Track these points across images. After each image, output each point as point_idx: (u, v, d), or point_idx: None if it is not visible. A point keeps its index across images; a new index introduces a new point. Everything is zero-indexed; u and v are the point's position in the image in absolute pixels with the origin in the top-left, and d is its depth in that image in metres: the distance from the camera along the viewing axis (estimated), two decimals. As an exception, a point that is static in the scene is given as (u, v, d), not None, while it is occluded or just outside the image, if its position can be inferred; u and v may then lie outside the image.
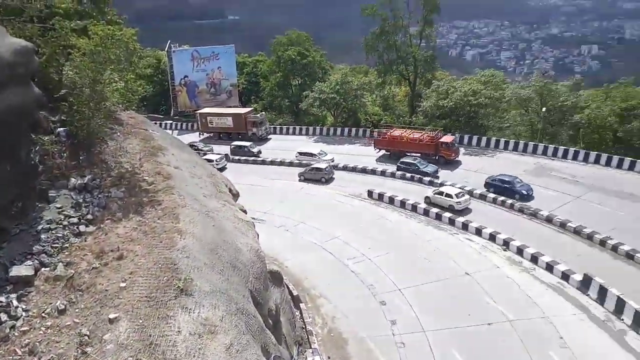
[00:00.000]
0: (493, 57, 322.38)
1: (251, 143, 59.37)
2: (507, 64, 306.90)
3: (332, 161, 52.04)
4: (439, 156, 48.05)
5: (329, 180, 48.13)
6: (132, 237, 16.34)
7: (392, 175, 48.12)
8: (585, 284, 28.28)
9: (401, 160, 48.45)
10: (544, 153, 49.73)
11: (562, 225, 35.46)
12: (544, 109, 52.91)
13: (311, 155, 54.07)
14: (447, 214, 38.38)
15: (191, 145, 47.63)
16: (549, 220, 36.53)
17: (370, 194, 43.61)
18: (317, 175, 48.19)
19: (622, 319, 25.67)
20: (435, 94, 57.24)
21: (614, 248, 31.88)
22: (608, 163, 45.90)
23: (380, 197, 42.88)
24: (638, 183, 41.54)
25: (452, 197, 39.34)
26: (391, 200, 42.10)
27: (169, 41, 76.92)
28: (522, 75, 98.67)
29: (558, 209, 37.92)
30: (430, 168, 46.92)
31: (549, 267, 30.64)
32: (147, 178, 19.56)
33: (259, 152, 58.04)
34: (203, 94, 76.52)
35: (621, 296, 26.09)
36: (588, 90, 70.86)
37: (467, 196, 40.03)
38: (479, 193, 41.66)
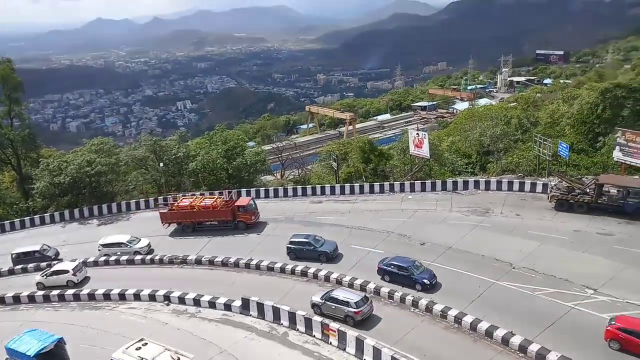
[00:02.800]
0: (99, 125, 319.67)
1: None
2: (115, 128, 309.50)
3: (149, 247, 42.44)
4: (239, 221, 43.58)
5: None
6: None
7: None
8: (245, 306, 31.16)
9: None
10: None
11: (211, 262, 38.19)
12: (161, 164, 55.64)
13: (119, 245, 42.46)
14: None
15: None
16: (198, 262, 38.64)
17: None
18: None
19: (282, 324, 29.43)
20: (48, 173, 52.70)
21: (257, 266, 36.42)
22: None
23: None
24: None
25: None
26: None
27: None
28: (133, 137, 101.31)
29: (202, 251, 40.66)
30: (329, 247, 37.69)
31: (212, 304, 32.41)
32: None
33: None
34: None
35: (275, 305, 29.89)
36: (195, 139, 78.55)
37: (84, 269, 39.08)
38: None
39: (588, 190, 39.24)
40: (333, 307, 28.87)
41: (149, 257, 40.26)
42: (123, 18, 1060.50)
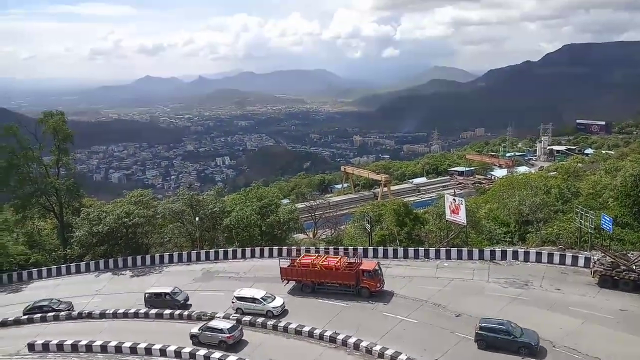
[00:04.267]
0: (139, 177, 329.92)
1: None
2: (155, 181, 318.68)
3: (283, 308, 38.59)
4: (362, 287, 39.30)
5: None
6: None
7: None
8: None
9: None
10: (207, 258, 52.35)
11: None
12: (197, 218, 56.42)
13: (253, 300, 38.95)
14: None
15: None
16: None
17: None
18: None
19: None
20: (87, 222, 54.10)
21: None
22: (262, 255, 51.62)
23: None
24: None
25: None
26: None
27: None
28: (171, 190, 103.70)
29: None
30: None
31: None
32: None
33: None
34: None
35: None
36: (231, 195, 79.85)
37: None
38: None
39: (634, 267, 37.34)
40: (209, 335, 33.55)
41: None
42: (170, 76, 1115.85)
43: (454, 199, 51.01)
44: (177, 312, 39.79)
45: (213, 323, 35.13)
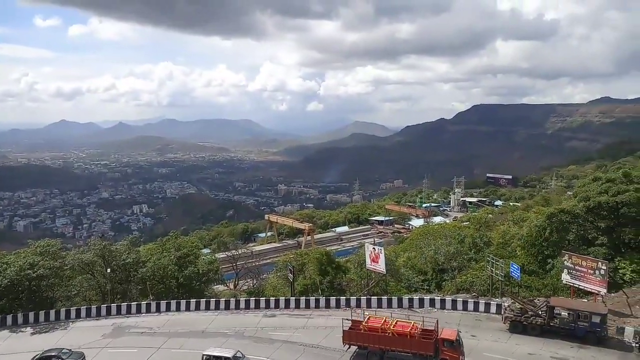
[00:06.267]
0: (48, 225, 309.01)
1: None
2: (65, 230, 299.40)
3: None
4: None
5: None
6: None
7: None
8: None
9: None
10: (119, 312, 49.22)
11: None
12: (108, 270, 53.15)
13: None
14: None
15: None
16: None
17: None
18: None
19: None
20: (-17, 274, 49.26)
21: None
22: (178, 308, 49.44)
23: None
24: (204, 320, 46.34)
25: None
26: None
27: None
28: (83, 239, 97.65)
29: (143, 365, 37.53)
30: None
31: None
32: None
33: None
34: None
35: None
36: (148, 245, 76.24)
37: None
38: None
39: (540, 313, 39.53)
40: None
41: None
42: (88, 121, 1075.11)
43: (374, 248, 52.02)
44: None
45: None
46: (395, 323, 36.05)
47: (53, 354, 38.11)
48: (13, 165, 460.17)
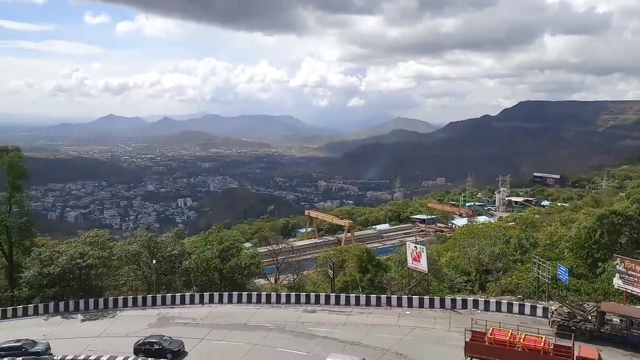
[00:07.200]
0: (97, 216, 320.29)
1: None
2: (112, 221, 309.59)
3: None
4: None
5: None
6: None
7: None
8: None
9: None
10: (164, 303, 50.55)
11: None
12: (154, 261, 54.65)
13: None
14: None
15: None
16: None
17: None
18: None
19: None
20: (38, 262, 51.64)
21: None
22: (220, 300, 50.26)
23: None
24: (246, 313, 46.86)
25: None
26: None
27: None
28: (129, 231, 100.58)
29: (189, 354, 38.50)
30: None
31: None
32: None
33: None
34: None
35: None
36: (191, 237, 77.98)
37: None
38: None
39: (590, 318, 38.03)
40: None
41: None
42: (134, 116, 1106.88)
43: (415, 246, 51.32)
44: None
45: None
46: (524, 337, 33.13)
47: (154, 340, 38.95)
48: (64, 158, 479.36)
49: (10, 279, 57.96)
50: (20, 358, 38.22)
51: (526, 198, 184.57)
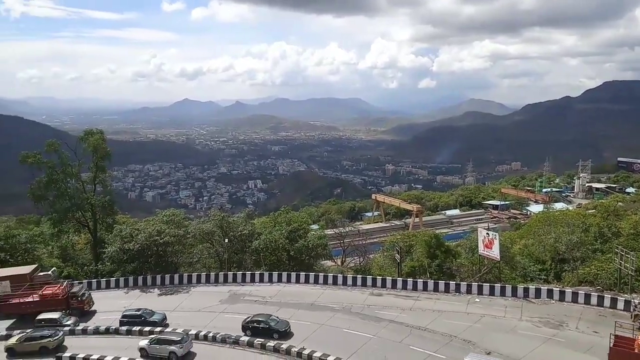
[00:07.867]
0: (173, 196, 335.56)
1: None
2: (187, 201, 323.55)
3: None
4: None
5: None
6: None
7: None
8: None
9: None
10: (234, 280, 52.31)
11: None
12: (226, 240, 56.62)
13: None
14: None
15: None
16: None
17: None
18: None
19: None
20: (119, 238, 55.01)
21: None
22: (288, 280, 51.29)
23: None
24: (313, 294, 47.54)
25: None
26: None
27: None
28: (203, 211, 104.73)
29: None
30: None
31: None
32: None
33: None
34: None
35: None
36: (261, 218, 79.94)
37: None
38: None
39: (679, 314, 35.36)
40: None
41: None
42: (208, 100, 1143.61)
43: (487, 233, 49.77)
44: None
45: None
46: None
47: (261, 319, 39.65)
48: (143, 140, 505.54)
49: (95, 254, 62.27)
50: (139, 327, 41.12)
51: (609, 184, 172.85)
